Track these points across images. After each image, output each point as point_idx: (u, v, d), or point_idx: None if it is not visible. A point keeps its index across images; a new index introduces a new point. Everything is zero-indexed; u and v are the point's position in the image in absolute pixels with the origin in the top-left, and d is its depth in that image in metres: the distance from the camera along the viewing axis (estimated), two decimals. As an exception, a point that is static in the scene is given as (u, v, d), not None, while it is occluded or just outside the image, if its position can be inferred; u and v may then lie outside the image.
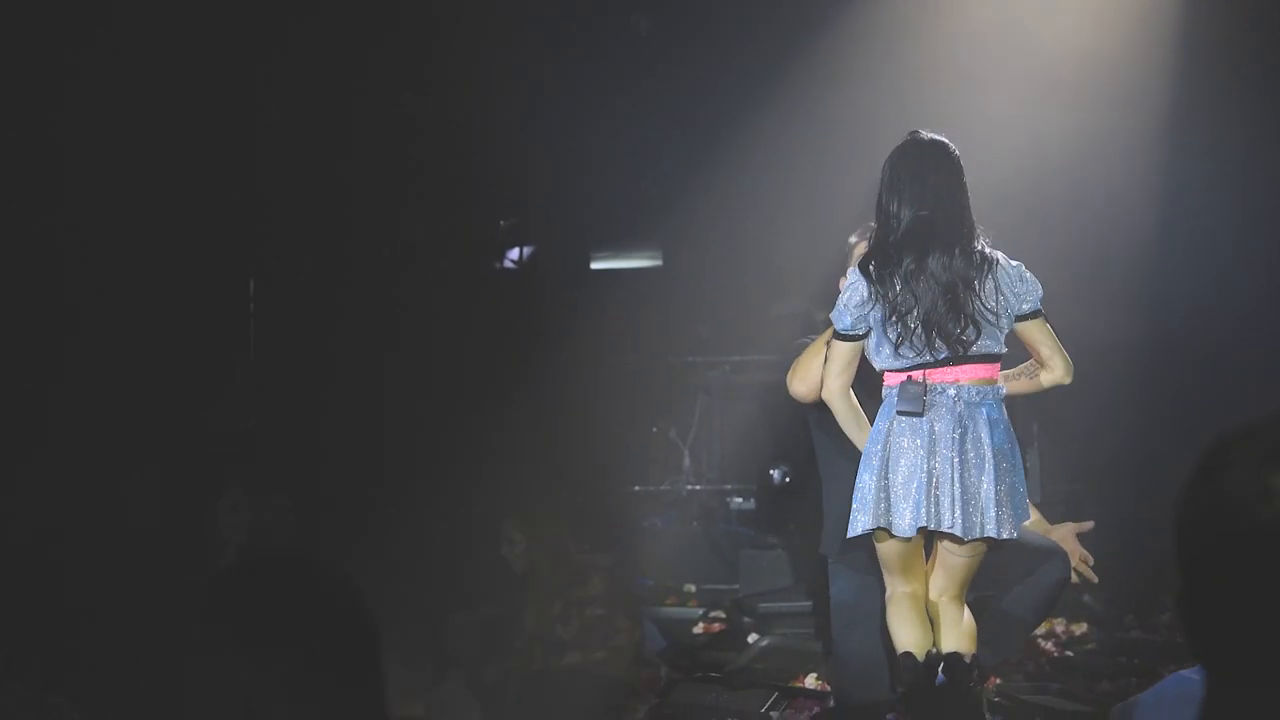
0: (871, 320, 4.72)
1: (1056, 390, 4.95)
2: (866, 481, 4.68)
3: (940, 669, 4.69)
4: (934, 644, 4.73)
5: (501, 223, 9.87)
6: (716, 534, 8.63)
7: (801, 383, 5.27)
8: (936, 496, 4.54)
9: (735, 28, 9.07)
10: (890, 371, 4.73)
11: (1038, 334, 4.79)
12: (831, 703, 5.67)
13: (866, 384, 4.90)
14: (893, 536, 4.66)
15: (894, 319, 4.66)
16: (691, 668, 6.65)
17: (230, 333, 7.79)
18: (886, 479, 4.62)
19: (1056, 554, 5.28)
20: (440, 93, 8.49)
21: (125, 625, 5.43)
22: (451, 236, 9.05)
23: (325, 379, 7.81)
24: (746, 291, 9.50)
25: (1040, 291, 4.79)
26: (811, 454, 5.72)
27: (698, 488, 8.95)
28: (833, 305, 4.88)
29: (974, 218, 4.75)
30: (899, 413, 4.63)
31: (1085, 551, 5.38)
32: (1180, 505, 1.57)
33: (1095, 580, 5.39)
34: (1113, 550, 5.61)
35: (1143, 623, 7.17)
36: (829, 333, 5.02)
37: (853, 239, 5.35)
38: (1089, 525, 5.42)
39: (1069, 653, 6.71)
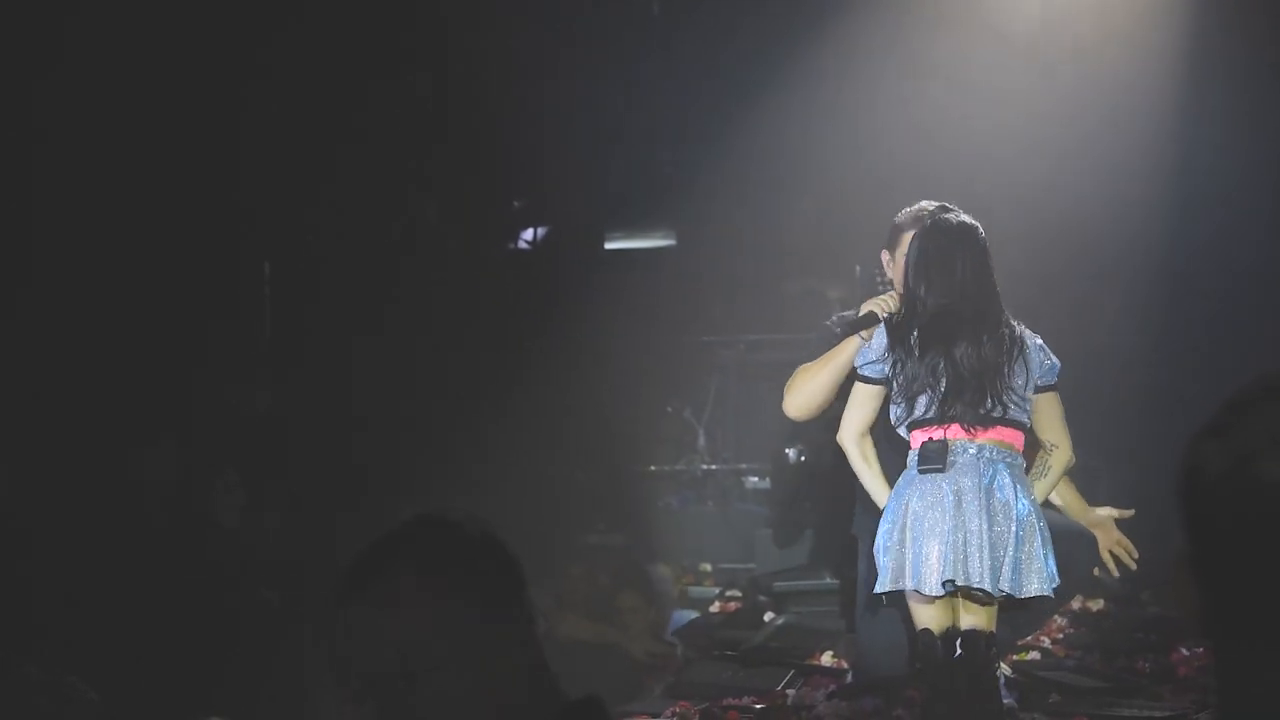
0: (886, 372, 4.73)
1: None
2: (891, 535, 4.65)
3: (958, 645, 4.69)
4: (953, 621, 4.73)
5: (515, 203, 9.87)
6: (732, 513, 8.64)
7: (795, 407, 5.27)
8: (965, 552, 4.52)
9: (748, 7, 9.05)
10: (914, 429, 4.72)
11: (1051, 409, 4.81)
12: (849, 679, 5.67)
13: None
14: (920, 594, 4.65)
15: (899, 392, 4.68)
16: (708, 646, 6.66)
17: (247, 315, 7.80)
18: (913, 537, 4.58)
19: (1084, 536, 5.27)
20: (454, 73, 8.48)
21: (136, 604, 5.45)
22: (466, 218, 9.05)
23: (340, 360, 7.82)
24: (760, 270, 9.49)
25: (1058, 365, 4.79)
26: (832, 435, 5.69)
27: (713, 467, 8.96)
28: (845, 283, 4.89)
29: (1001, 301, 4.73)
30: (921, 470, 4.62)
31: (1124, 537, 5.34)
32: (1190, 461, 1.54)
33: (1133, 567, 5.33)
34: (1130, 527, 5.59)
35: (1160, 600, 7.16)
36: (840, 352, 5.01)
37: (899, 219, 5.23)
38: (1130, 513, 5.37)
39: (1085, 629, 6.70)
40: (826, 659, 6.17)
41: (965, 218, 4.79)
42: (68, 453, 6.13)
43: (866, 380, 4.82)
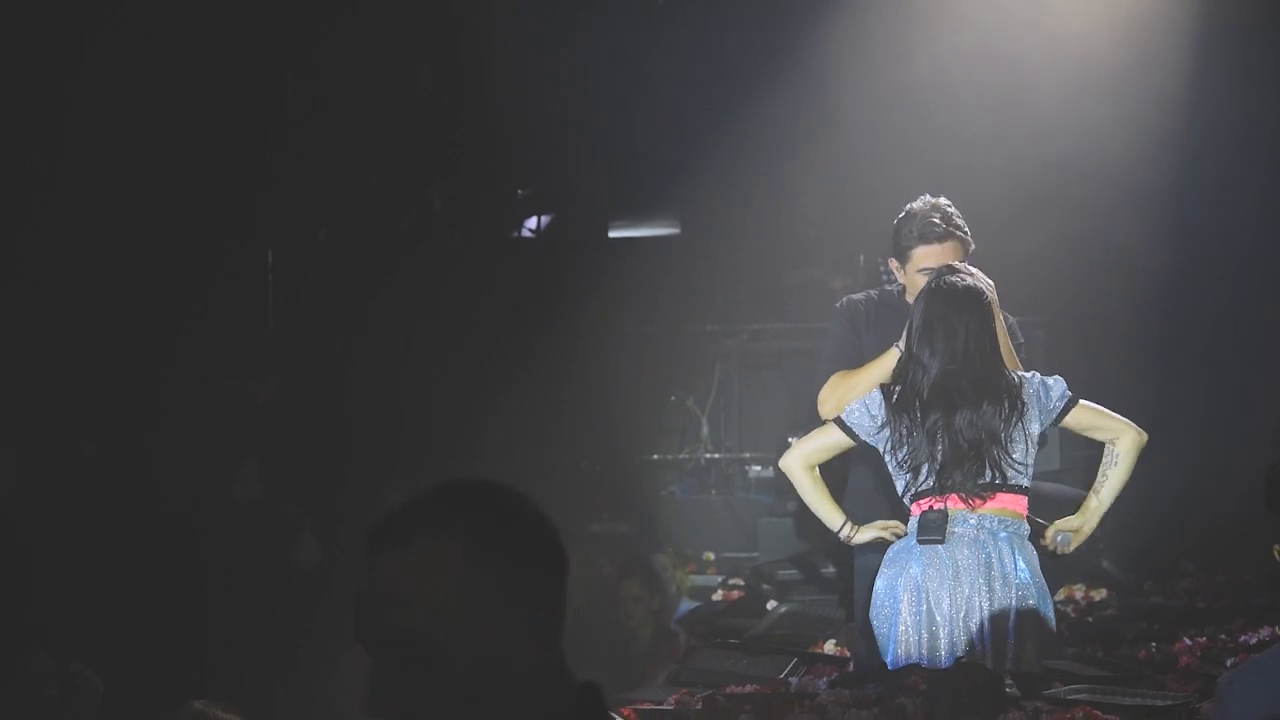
0: (881, 444, 4.70)
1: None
2: (887, 604, 4.62)
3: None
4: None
5: (519, 191, 9.88)
6: (735, 502, 8.65)
7: (831, 409, 5.26)
8: (966, 626, 4.50)
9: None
10: (915, 501, 4.67)
11: (1087, 417, 4.72)
12: (851, 667, 5.68)
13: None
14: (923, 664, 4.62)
15: (903, 465, 4.66)
16: (711, 634, 6.68)
17: (249, 304, 7.80)
18: (914, 610, 4.55)
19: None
20: (460, 63, 8.48)
21: (144, 594, 5.47)
22: (469, 206, 9.06)
23: (343, 349, 7.83)
24: (764, 260, 9.50)
25: (1063, 385, 4.70)
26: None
27: (716, 456, 8.97)
28: (848, 272, 4.87)
29: (1002, 364, 4.68)
30: (920, 541, 4.60)
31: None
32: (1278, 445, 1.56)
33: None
34: (1133, 518, 5.58)
35: (1162, 588, 7.18)
36: (882, 362, 5.00)
37: (905, 228, 5.16)
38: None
39: (1088, 618, 6.72)
40: (829, 647, 6.18)
41: (969, 281, 4.71)
42: (73, 445, 6.15)
43: (845, 429, 4.74)
